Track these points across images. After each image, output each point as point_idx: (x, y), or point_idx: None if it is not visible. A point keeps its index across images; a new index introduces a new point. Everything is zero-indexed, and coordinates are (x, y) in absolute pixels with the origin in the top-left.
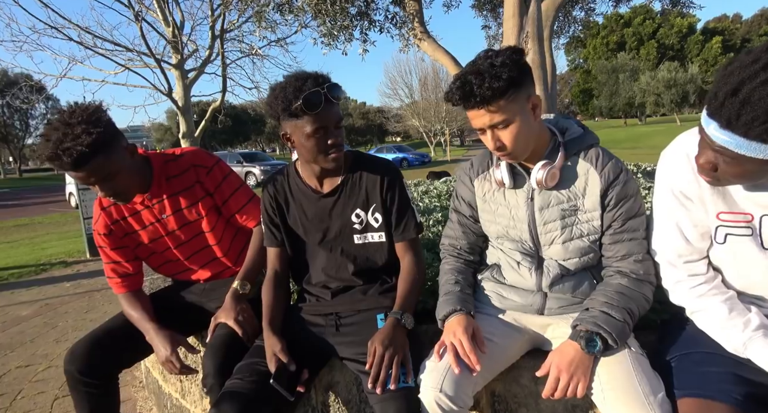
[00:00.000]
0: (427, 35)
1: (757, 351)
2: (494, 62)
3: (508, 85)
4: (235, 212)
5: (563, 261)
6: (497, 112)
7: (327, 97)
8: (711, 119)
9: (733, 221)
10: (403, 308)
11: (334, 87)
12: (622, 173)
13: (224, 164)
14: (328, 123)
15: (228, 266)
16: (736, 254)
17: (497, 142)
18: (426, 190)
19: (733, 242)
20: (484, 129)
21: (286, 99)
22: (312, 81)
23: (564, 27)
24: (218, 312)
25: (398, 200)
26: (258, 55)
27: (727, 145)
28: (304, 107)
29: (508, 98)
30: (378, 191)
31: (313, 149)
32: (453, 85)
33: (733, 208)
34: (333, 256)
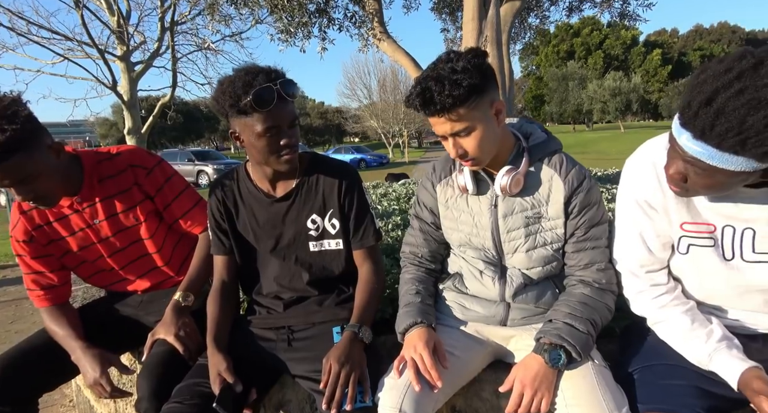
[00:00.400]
0: (386, 35)
1: (722, 363)
2: (455, 67)
3: (469, 92)
4: (178, 217)
5: (526, 270)
6: (458, 120)
7: (280, 93)
8: (684, 129)
9: (696, 232)
10: (360, 321)
11: (287, 83)
12: (586, 180)
13: (167, 164)
14: (280, 122)
15: (170, 276)
16: (699, 265)
17: (459, 149)
18: (385, 192)
19: (695, 252)
20: (445, 136)
21: (235, 94)
22: (264, 76)
23: (520, 33)
24: (156, 327)
25: (357, 206)
26: (211, 50)
27: (699, 156)
28: (254, 104)
29: (469, 106)
30: (335, 195)
31: (264, 149)
32: (413, 90)
33: (697, 218)
34: (286, 265)
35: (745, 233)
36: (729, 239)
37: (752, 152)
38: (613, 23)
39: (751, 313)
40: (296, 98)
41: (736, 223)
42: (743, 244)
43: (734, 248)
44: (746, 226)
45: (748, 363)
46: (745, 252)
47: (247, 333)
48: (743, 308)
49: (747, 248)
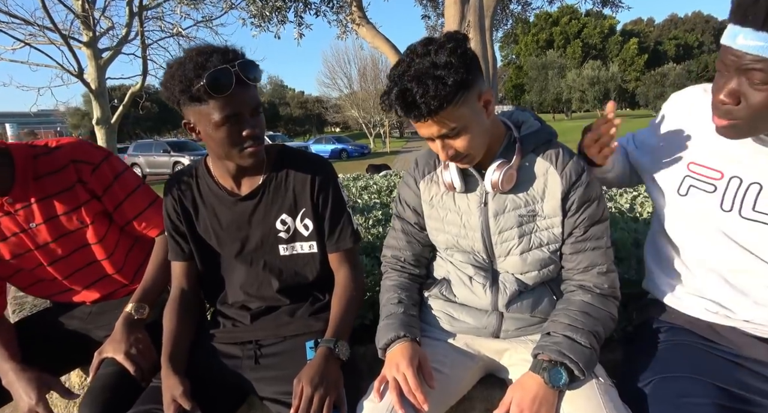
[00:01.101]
0: (365, 21)
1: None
2: (436, 61)
3: (455, 90)
4: (131, 218)
5: (521, 275)
6: (447, 121)
7: (239, 76)
8: (741, 25)
9: (700, 175)
10: (337, 335)
11: (247, 65)
12: (585, 173)
13: (117, 159)
14: (241, 109)
15: (123, 284)
16: (694, 211)
17: (449, 150)
18: (365, 185)
19: (694, 195)
20: (432, 138)
21: (186, 78)
22: (219, 56)
23: (502, 20)
24: (104, 345)
25: (332, 204)
26: (183, 36)
27: (761, 52)
28: (208, 89)
29: (457, 104)
30: (308, 192)
31: (223, 141)
32: (390, 92)
33: (706, 162)
34: (253, 271)
35: (750, 188)
36: (732, 191)
37: None
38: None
39: (761, 308)
40: (258, 82)
41: (746, 174)
42: (745, 198)
43: (735, 201)
44: (754, 180)
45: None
46: (745, 208)
47: (209, 349)
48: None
49: (748, 204)
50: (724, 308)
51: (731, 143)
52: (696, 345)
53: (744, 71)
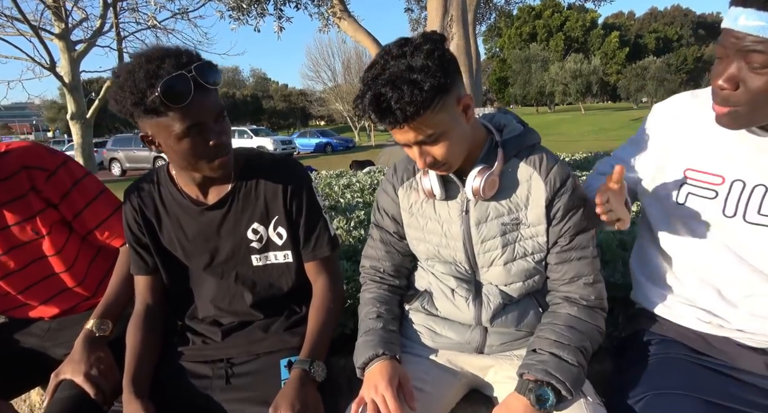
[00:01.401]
0: (347, 14)
1: None
2: (412, 64)
3: (433, 95)
4: (93, 228)
5: (505, 287)
6: (423, 127)
7: (197, 82)
8: (743, 6)
9: (699, 181)
10: (312, 355)
11: (205, 68)
12: (570, 179)
13: (75, 164)
14: (204, 118)
15: (85, 297)
16: (693, 220)
17: (427, 158)
18: (348, 183)
19: (693, 203)
20: (409, 144)
21: (137, 89)
22: (172, 61)
23: (485, 14)
24: (62, 365)
25: (307, 210)
26: (159, 28)
27: (763, 32)
28: (165, 99)
29: (434, 109)
30: (281, 199)
31: (187, 154)
32: (363, 97)
33: (705, 167)
34: (225, 283)
35: (755, 191)
36: (735, 195)
37: None
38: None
39: (757, 320)
40: (219, 85)
41: (749, 176)
42: (750, 202)
43: (738, 206)
44: (759, 182)
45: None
46: (749, 212)
47: (177, 369)
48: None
49: (753, 208)
50: (717, 318)
51: (729, 144)
52: (688, 359)
53: (744, 54)
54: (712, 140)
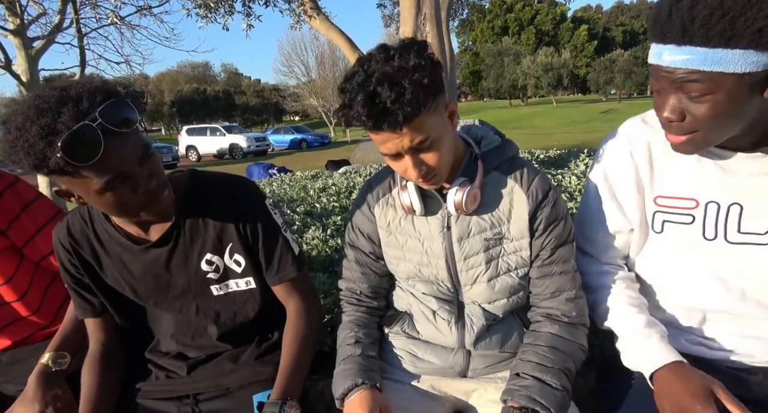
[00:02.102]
0: (318, 12)
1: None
2: (403, 64)
3: (431, 92)
4: (47, 253)
5: (488, 305)
6: (420, 130)
7: (107, 129)
8: (663, 43)
9: (672, 207)
10: (285, 394)
11: (114, 109)
12: (551, 191)
13: (25, 186)
14: (125, 167)
15: (42, 326)
16: (674, 247)
17: (421, 167)
18: (324, 186)
19: (671, 231)
20: (400, 153)
21: (33, 150)
22: (71, 110)
23: (458, 10)
24: (14, 405)
25: (263, 232)
26: (122, 24)
27: (690, 65)
28: (69, 160)
29: (430, 109)
30: (232, 225)
31: (115, 207)
32: (353, 102)
33: (675, 192)
34: (184, 318)
35: (731, 210)
36: (712, 217)
37: (745, 35)
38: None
39: (746, 340)
40: (135, 124)
41: (722, 197)
42: (728, 222)
43: (717, 228)
44: (733, 201)
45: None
46: (729, 232)
47: (138, 407)
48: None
49: (732, 227)
50: (706, 339)
51: (693, 167)
52: None
53: (680, 85)
54: (675, 166)
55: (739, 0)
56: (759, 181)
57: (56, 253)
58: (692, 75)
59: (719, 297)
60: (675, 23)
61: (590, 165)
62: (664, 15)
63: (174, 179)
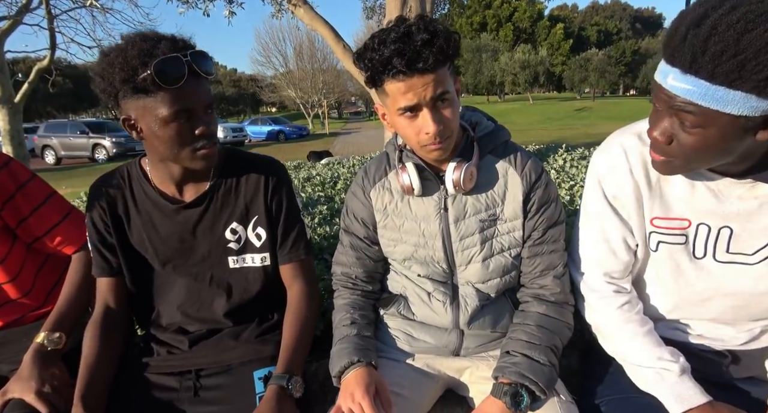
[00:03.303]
0: (303, 1)
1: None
2: (431, 24)
3: (453, 51)
4: (40, 235)
5: (482, 284)
6: (443, 81)
7: (192, 68)
8: (670, 65)
9: (666, 228)
10: (289, 369)
11: (201, 56)
12: (543, 174)
13: (19, 167)
14: (193, 105)
15: (33, 307)
16: (667, 265)
17: (440, 123)
18: (308, 176)
19: (664, 250)
20: (420, 105)
21: (128, 66)
22: (168, 44)
23: (439, 4)
24: (9, 383)
25: (286, 210)
26: (95, 7)
27: (690, 96)
28: (157, 78)
29: (450, 68)
30: (262, 198)
31: (172, 140)
32: (385, 43)
33: (669, 213)
34: (196, 287)
35: (721, 232)
36: (703, 238)
37: (751, 80)
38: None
39: (715, 325)
40: (212, 76)
41: (713, 220)
42: (717, 243)
43: (707, 247)
44: (723, 224)
45: (707, 396)
46: (718, 252)
47: (140, 381)
48: (707, 318)
49: (721, 248)
50: (681, 324)
51: (685, 189)
52: None
53: (676, 111)
54: (670, 187)
55: (755, 43)
56: (749, 205)
57: (89, 209)
58: (689, 106)
59: (700, 310)
60: (686, 50)
61: (586, 183)
62: (678, 37)
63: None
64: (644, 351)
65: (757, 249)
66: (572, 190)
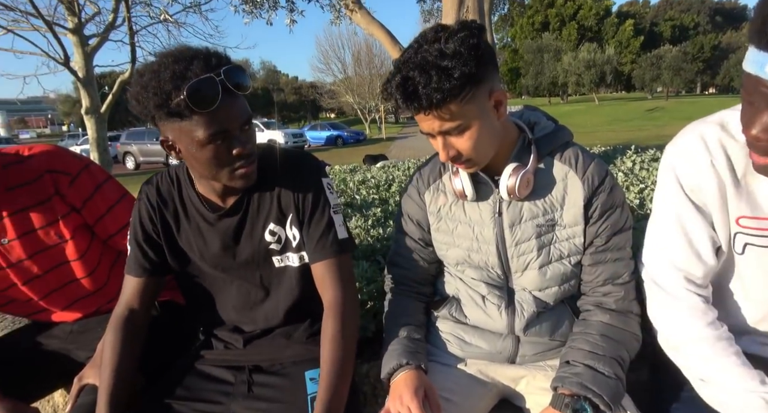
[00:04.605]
0: (359, 6)
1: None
2: (444, 50)
3: (462, 84)
4: (113, 233)
5: (539, 292)
6: (449, 118)
7: (226, 86)
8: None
9: (755, 229)
10: (329, 406)
11: (235, 71)
12: (608, 178)
13: (97, 168)
14: (229, 125)
15: (107, 300)
16: (756, 270)
17: (450, 150)
18: (363, 179)
19: (752, 253)
20: (433, 134)
21: (161, 90)
22: (201, 63)
23: (498, 4)
24: (85, 369)
25: (313, 205)
26: (171, 22)
27: None
28: (190, 103)
29: (462, 100)
30: (291, 197)
31: (209, 162)
32: (392, 79)
33: (758, 212)
34: (247, 287)
35: None
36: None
37: None
38: None
39: None
40: (248, 91)
41: None
42: None
43: None
44: None
45: None
46: None
47: (199, 371)
48: None
49: None
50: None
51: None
52: None
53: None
54: (758, 182)
55: None
56: None
57: (138, 207)
58: None
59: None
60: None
61: (658, 178)
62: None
63: None
64: (742, 375)
65: None
66: (642, 194)
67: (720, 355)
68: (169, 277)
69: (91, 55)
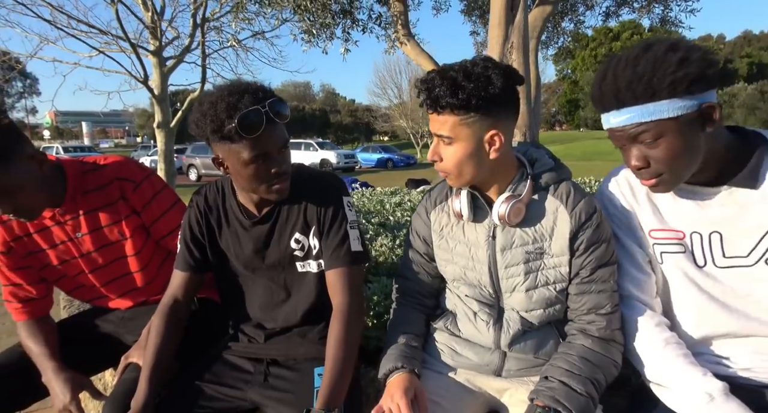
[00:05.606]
0: (409, 38)
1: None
2: (471, 71)
3: (466, 103)
4: (165, 234)
5: (526, 313)
6: (444, 125)
7: (269, 116)
8: (607, 112)
9: (665, 238)
10: (329, 404)
11: (277, 104)
12: (595, 214)
13: (157, 178)
14: (269, 148)
15: (154, 294)
16: (677, 275)
17: (434, 155)
18: (400, 201)
19: (669, 260)
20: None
21: (217, 118)
22: (250, 97)
23: (553, 38)
24: (131, 349)
25: (331, 218)
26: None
27: (633, 120)
28: (240, 130)
29: (461, 118)
30: (314, 210)
31: (251, 178)
32: (428, 74)
33: (664, 225)
34: (272, 288)
35: (712, 238)
36: (698, 246)
37: (663, 89)
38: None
39: (763, 357)
40: (287, 120)
41: (702, 228)
42: (713, 249)
43: (705, 255)
44: (712, 230)
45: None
46: (716, 258)
47: (225, 359)
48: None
49: (717, 254)
50: (722, 358)
51: (673, 203)
52: None
53: (634, 138)
54: (657, 200)
55: (647, 65)
56: (730, 210)
57: (189, 211)
58: (639, 128)
59: (723, 320)
60: (607, 95)
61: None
62: (597, 92)
63: None
64: (688, 372)
65: (750, 250)
66: None
67: (669, 356)
68: (208, 276)
69: (167, 75)
